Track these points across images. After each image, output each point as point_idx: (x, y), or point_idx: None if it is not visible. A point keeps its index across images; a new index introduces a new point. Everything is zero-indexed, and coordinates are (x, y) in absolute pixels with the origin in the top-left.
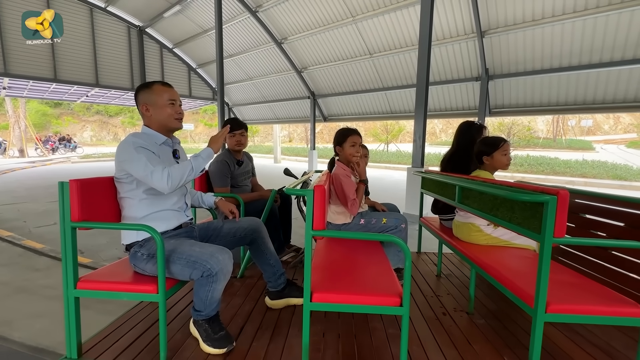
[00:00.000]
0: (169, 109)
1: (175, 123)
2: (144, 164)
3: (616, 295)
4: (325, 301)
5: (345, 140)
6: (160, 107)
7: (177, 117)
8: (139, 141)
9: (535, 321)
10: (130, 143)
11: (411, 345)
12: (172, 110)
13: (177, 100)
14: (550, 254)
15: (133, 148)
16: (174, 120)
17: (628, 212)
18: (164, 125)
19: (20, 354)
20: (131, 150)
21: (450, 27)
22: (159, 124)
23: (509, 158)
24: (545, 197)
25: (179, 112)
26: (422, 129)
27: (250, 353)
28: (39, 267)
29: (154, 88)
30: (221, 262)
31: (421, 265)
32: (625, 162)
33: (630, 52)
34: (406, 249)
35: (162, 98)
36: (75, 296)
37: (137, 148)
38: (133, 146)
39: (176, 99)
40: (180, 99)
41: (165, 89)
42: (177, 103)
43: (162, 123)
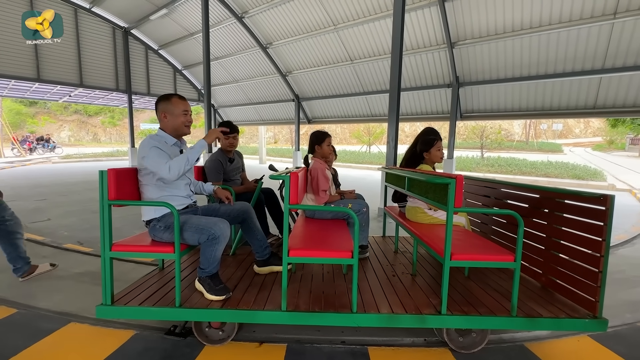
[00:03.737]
0: (182, 118)
1: (185, 130)
2: (154, 160)
3: (500, 249)
4: (298, 255)
5: (324, 141)
6: (175, 115)
7: (187, 125)
8: (153, 142)
9: (444, 266)
10: (147, 143)
11: (364, 294)
12: (184, 119)
13: (189, 111)
14: (452, 219)
15: (148, 148)
16: (184, 127)
17: (530, 196)
18: (176, 130)
19: (49, 316)
20: (147, 149)
21: (423, 37)
22: (172, 129)
23: (442, 153)
24: (449, 180)
25: (190, 120)
26: (394, 132)
27: (243, 300)
28: (45, 254)
29: (172, 100)
30: (222, 229)
31: (384, 246)
32: (587, 163)
33: (589, 63)
34: (354, 215)
35: (178, 109)
36: (111, 257)
37: (151, 148)
38: (149, 146)
39: (188, 110)
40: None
41: (181, 102)
42: (188, 113)
43: (175, 128)
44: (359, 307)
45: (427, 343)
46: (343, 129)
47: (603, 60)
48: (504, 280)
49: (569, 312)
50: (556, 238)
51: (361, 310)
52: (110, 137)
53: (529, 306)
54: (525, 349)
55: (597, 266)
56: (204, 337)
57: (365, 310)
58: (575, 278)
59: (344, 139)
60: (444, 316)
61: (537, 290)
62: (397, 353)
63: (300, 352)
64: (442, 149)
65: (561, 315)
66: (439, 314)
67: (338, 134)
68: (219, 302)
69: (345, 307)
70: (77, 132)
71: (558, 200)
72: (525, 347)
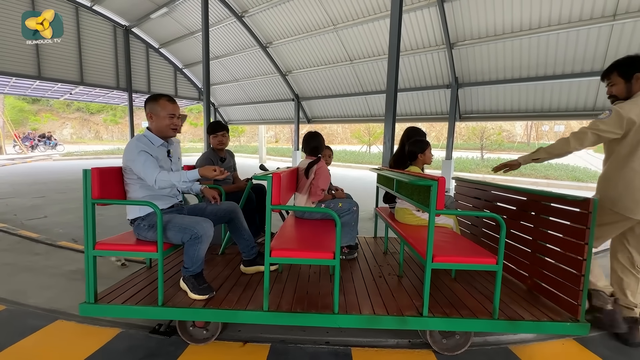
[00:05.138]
0: (167, 121)
1: (170, 132)
2: (141, 165)
3: (483, 251)
4: (280, 256)
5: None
6: (161, 117)
7: (173, 128)
8: (141, 145)
9: (426, 267)
10: (134, 146)
11: (348, 295)
12: (169, 122)
13: (177, 114)
14: (434, 221)
15: (136, 151)
16: (170, 130)
17: (518, 199)
18: (161, 132)
19: (37, 313)
20: (134, 152)
21: (422, 38)
22: (158, 130)
23: (432, 155)
24: (431, 182)
25: (176, 124)
26: (391, 132)
27: (226, 299)
28: (38, 251)
29: (159, 101)
30: (204, 228)
31: (374, 247)
32: (588, 165)
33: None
34: (335, 216)
35: (164, 111)
36: (94, 255)
37: (139, 152)
38: (136, 149)
39: (175, 113)
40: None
41: (169, 104)
42: (175, 116)
43: (160, 130)
44: (341, 308)
45: (411, 344)
46: (344, 129)
47: (603, 62)
48: (490, 283)
49: (551, 315)
50: (541, 241)
51: (343, 311)
52: (112, 135)
53: (512, 309)
54: (510, 351)
55: (580, 270)
56: (188, 336)
57: (347, 311)
58: (558, 281)
59: (345, 138)
60: (425, 318)
61: (522, 293)
62: (380, 354)
63: (284, 352)
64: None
65: (543, 319)
66: (420, 315)
67: (339, 134)
68: (202, 301)
69: (328, 307)
70: (79, 130)
71: (544, 203)
72: (510, 349)
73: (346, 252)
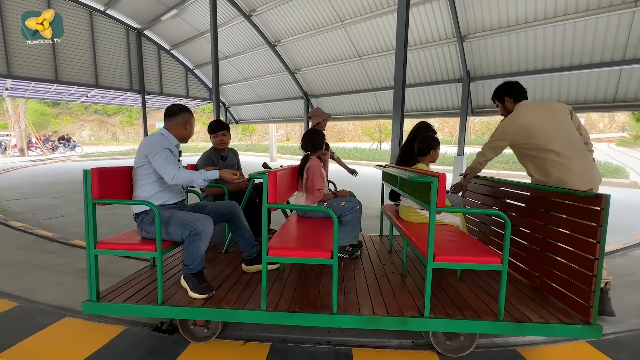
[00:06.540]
0: (192, 131)
1: (187, 140)
2: (162, 160)
3: (488, 250)
4: (278, 255)
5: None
6: (192, 127)
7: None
8: (165, 141)
9: (427, 267)
10: (158, 141)
11: (349, 294)
12: (192, 132)
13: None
14: (435, 219)
15: (160, 147)
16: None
17: (527, 195)
18: (185, 138)
19: (46, 310)
20: (158, 147)
21: (432, 31)
22: (183, 136)
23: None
24: (432, 178)
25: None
26: (399, 129)
27: (225, 298)
28: (52, 250)
29: (192, 115)
30: (204, 225)
31: (379, 245)
32: (610, 159)
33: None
34: (333, 215)
35: (193, 123)
36: (95, 254)
37: (163, 148)
38: (160, 145)
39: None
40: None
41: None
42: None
43: (185, 137)
44: (340, 308)
45: (414, 345)
46: (355, 126)
47: (623, 51)
48: (497, 283)
49: (560, 317)
50: (551, 239)
51: (342, 311)
52: (128, 136)
53: (519, 310)
54: (518, 354)
55: (591, 269)
56: (190, 334)
57: (346, 310)
58: (569, 281)
59: (356, 136)
60: (427, 319)
61: (531, 293)
62: (382, 355)
63: (284, 351)
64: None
65: (552, 321)
66: (421, 316)
67: (350, 131)
68: (201, 300)
69: (327, 307)
70: (97, 132)
71: (554, 199)
72: (518, 352)
73: (349, 250)
